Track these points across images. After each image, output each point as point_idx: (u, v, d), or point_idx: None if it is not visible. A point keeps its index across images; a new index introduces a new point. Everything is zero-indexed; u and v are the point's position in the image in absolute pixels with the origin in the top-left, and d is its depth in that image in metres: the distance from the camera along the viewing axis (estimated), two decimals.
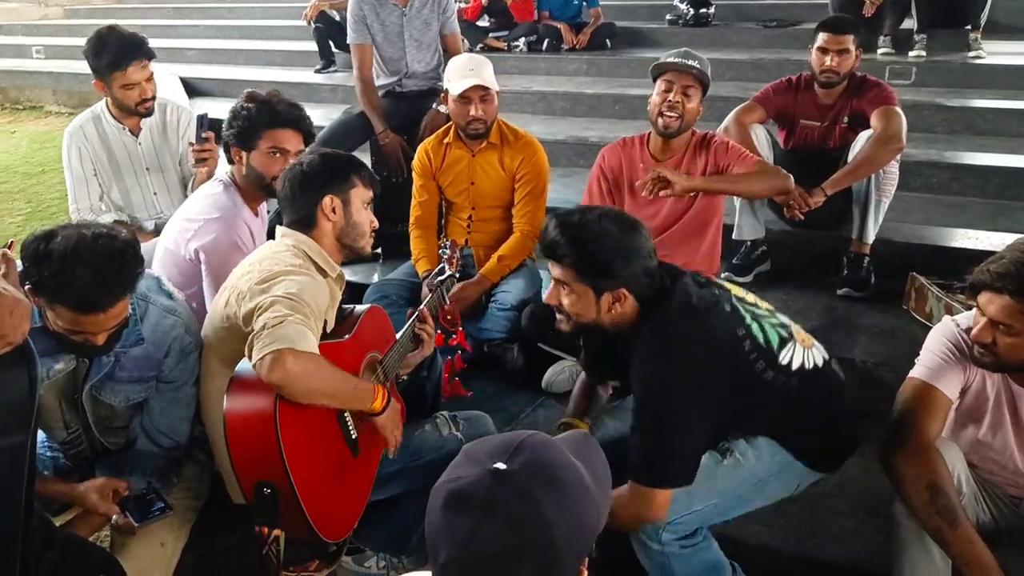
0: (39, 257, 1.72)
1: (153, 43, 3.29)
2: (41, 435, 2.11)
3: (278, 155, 2.55)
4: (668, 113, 2.97)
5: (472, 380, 3.04)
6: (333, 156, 2.25)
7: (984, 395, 1.98)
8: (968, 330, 1.93)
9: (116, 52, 3.14)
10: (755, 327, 1.97)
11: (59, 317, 1.79)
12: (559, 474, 1.03)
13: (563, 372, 3.09)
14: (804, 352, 2.02)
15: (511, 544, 0.97)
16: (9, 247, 1.42)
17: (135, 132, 3.38)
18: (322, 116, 5.93)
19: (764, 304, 2.10)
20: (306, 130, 2.63)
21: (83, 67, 3.36)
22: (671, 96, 2.96)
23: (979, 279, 1.85)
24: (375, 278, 3.62)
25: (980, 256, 2.07)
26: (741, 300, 2.03)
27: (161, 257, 2.61)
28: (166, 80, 6.30)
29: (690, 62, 2.96)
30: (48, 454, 2.18)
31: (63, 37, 10.32)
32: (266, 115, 2.55)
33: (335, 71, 7.40)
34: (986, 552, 1.78)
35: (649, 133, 3.15)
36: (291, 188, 2.17)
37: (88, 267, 1.74)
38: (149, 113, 3.32)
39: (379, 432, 2.05)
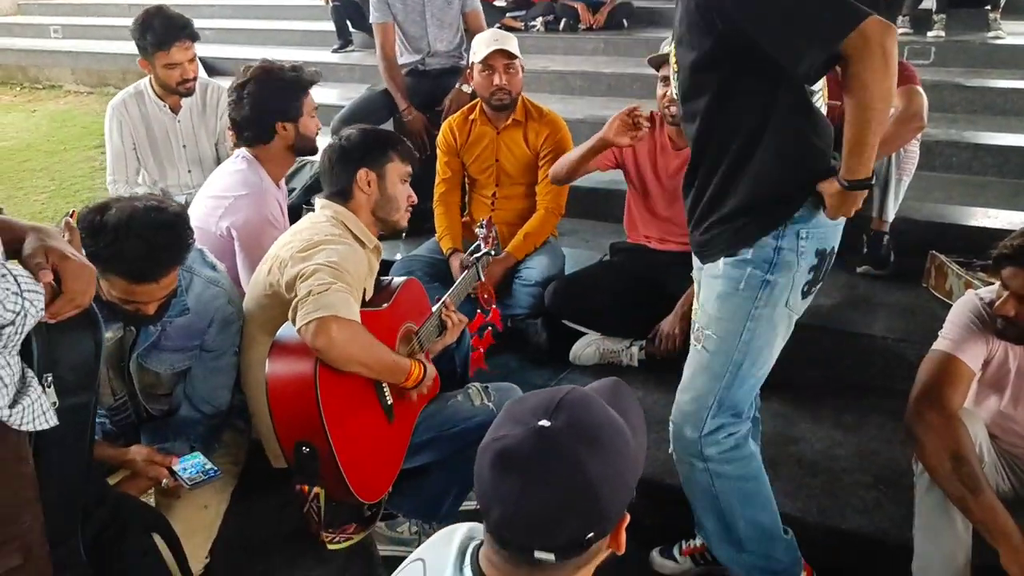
0: (95, 228, 1.78)
1: None
2: None
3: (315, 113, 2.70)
4: (670, 107, 2.94)
5: (497, 354, 3.09)
6: (371, 131, 2.34)
7: (1006, 367, 2.02)
8: (991, 303, 1.98)
9: (161, 32, 3.23)
10: None
11: (112, 287, 1.85)
12: (600, 432, 1.08)
13: (590, 346, 3.14)
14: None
15: (558, 501, 1.03)
16: (71, 216, 1.48)
17: (175, 110, 3.47)
18: (340, 96, 6.00)
19: None
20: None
21: (100, 46, 3.49)
22: (671, 90, 2.95)
23: (1003, 253, 1.91)
24: (398, 256, 3.67)
25: (1000, 235, 2.10)
26: None
27: None
28: None
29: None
30: (95, 420, 2.24)
31: (80, 17, 10.39)
32: (299, 81, 2.65)
33: (352, 50, 7.44)
34: (1008, 519, 1.82)
35: (654, 114, 3.13)
36: (330, 161, 2.26)
37: (141, 238, 1.80)
38: (190, 93, 3.41)
39: (414, 400, 2.12)
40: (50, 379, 1.35)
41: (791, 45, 1.67)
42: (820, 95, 1.93)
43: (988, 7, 5.97)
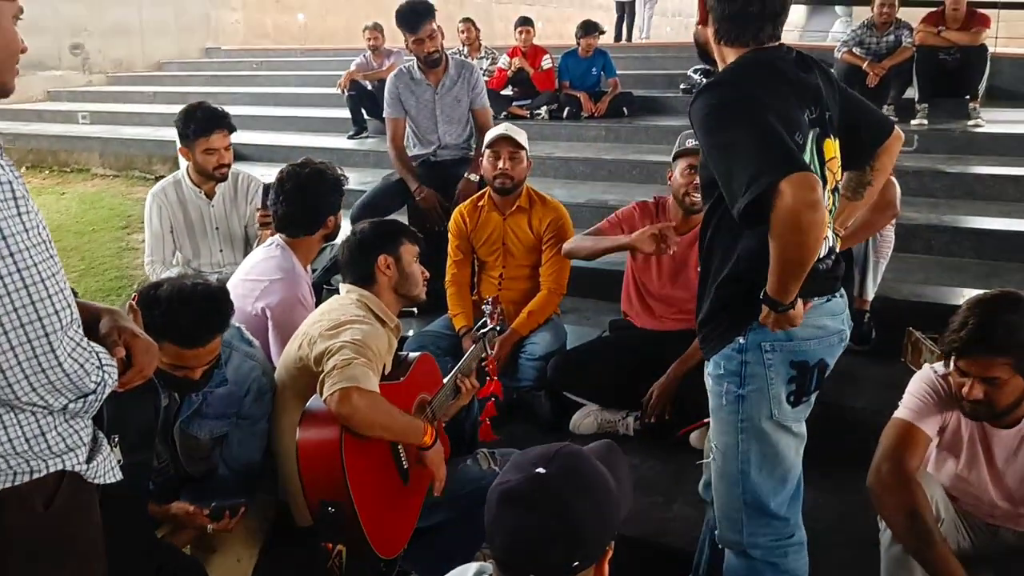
0: (150, 301, 2.05)
1: None
2: None
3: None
4: (694, 194, 3.20)
5: (504, 424, 3.31)
6: (382, 223, 2.68)
7: (959, 434, 2.24)
8: (945, 376, 2.21)
9: (203, 121, 3.61)
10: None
11: (164, 354, 2.09)
12: (587, 479, 1.31)
13: (588, 416, 3.37)
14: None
15: (546, 533, 1.25)
16: (134, 299, 1.74)
17: (210, 195, 3.79)
18: (356, 180, 6.24)
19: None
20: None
21: (127, 132, 3.87)
22: (689, 178, 3.21)
23: (953, 347, 2.09)
24: (411, 332, 3.92)
25: None
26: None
27: None
28: None
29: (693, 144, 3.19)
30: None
31: (107, 103, 10.88)
32: (338, 180, 3.09)
33: (367, 137, 7.80)
34: (960, 570, 2.02)
35: (660, 200, 3.47)
36: (350, 252, 2.56)
37: (190, 307, 2.08)
38: (224, 178, 3.74)
39: (427, 465, 2.35)
40: (116, 439, 1.59)
41: (728, 189, 1.77)
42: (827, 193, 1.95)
43: (968, 97, 6.32)
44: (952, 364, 2.14)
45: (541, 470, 1.30)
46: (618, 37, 12.93)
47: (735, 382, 1.97)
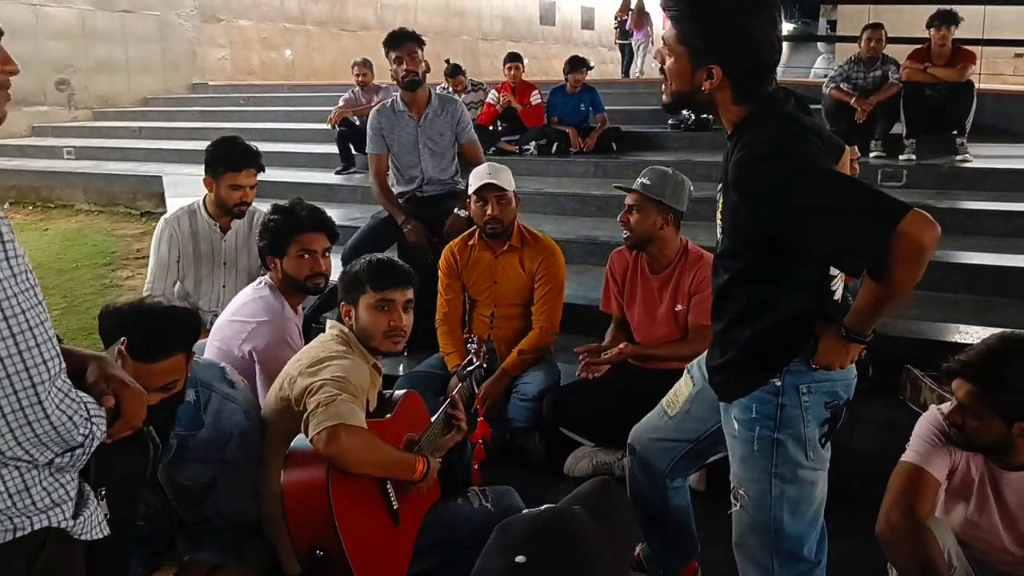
0: (109, 313, 1.98)
1: (178, 145, 3.68)
2: None
3: (306, 256, 2.91)
4: (623, 230, 3.28)
5: (497, 466, 3.23)
6: (353, 271, 2.58)
7: (969, 477, 2.19)
8: None
9: (237, 156, 3.58)
10: None
11: None
12: (572, 562, 1.21)
13: (583, 458, 3.30)
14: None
15: None
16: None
17: (224, 230, 3.74)
18: (343, 216, 6.26)
19: None
20: (329, 230, 2.99)
21: (111, 167, 3.76)
22: (621, 214, 3.27)
23: (950, 368, 2.12)
24: (400, 370, 3.85)
25: None
26: None
27: (212, 355, 2.81)
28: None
29: (638, 181, 3.22)
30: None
31: (92, 138, 10.84)
32: (291, 223, 2.92)
33: (355, 172, 7.78)
34: None
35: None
36: (338, 288, 2.55)
37: (148, 317, 2.02)
38: (241, 215, 3.70)
39: (418, 504, 2.28)
40: (103, 492, 1.51)
41: (846, 247, 1.69)
42: (838, 278, 1.96)
43: (955, 132, 6.36)
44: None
45: (520, 559, 1.21)
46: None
47: (769, 426, 1.90)
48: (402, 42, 4.27)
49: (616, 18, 16.45)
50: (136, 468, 1.55)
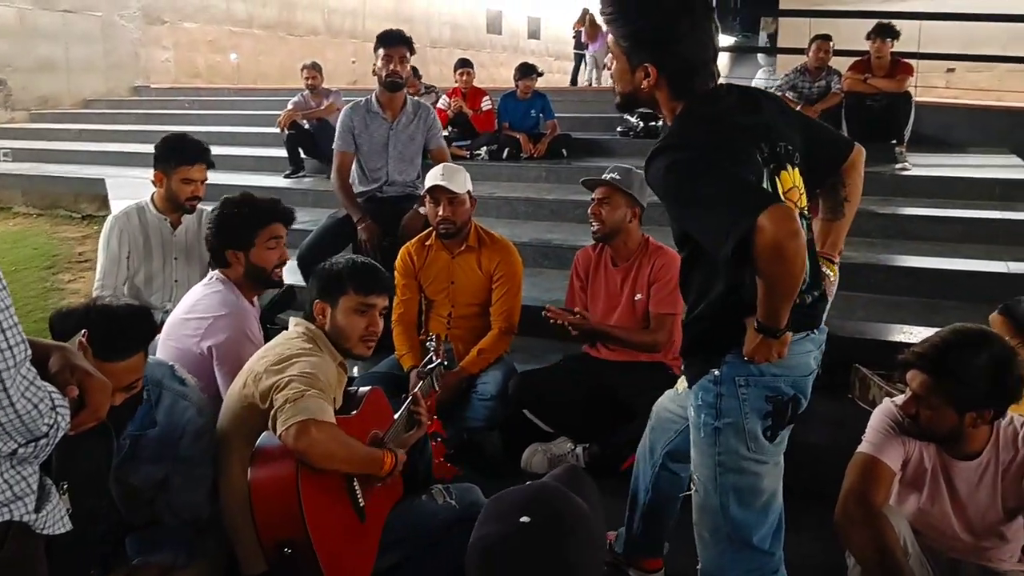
0: (62, 316, 1.94)
1: (121, 147, 3.62)
2: None
3: (274, 245, 2.87)
4: (593, 223, 3.36)
5: (455, 464, 3.22)
6: (333, 267, 2.54)
7: (922, 467, 2.26)
8: None
9: (189, 151, 3.58)
10: None
11: None
12: (572, 520, 1.25)
13: (537, 453, 3.34)
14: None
15: None
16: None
17: (174, 226, 3.70)
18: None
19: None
20: (289, 218, 2.97)
21: (52, 169, 3.67)
22: (592, 207, 3.35)
23: (905, 359, 2.19)
24: (355, 371, 3.82)
25: None
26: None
27: (168, 354, 2.72)
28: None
29: (606, 176, 3.32)
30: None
31: (30, 140, 10.54)
32: (258, 213, 2.88)
33: (304, 176, 7.71)
34: None
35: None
36: (309, 285, 2.48)
37: (106, 316, 1.97)
38: (192, 210, 3.67)
39: (383, 500, 2.27)
40: (65, 486, 1.47)
41: (709, 241, 1.76)
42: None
43: (895, 141, 6.55)
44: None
45: (525, 519, 1.23)
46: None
47: (711, 414, 1.94)
48: (396, 43, 4.32)
49: (574, 28, 16.68)
50: (100, 461, 1.51)
